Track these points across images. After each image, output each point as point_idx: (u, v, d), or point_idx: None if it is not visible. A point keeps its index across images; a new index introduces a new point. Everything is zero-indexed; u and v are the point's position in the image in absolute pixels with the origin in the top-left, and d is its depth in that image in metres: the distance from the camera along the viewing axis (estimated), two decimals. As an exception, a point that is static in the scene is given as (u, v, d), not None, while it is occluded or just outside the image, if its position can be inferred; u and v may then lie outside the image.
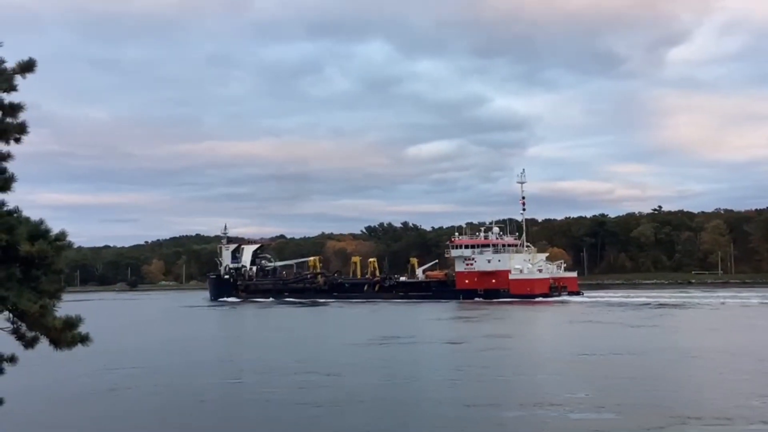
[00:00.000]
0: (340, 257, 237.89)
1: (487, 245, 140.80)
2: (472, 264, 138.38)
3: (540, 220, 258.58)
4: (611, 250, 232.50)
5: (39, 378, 37.23)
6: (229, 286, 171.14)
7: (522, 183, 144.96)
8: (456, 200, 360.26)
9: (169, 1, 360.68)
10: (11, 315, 9.29)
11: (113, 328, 74.84)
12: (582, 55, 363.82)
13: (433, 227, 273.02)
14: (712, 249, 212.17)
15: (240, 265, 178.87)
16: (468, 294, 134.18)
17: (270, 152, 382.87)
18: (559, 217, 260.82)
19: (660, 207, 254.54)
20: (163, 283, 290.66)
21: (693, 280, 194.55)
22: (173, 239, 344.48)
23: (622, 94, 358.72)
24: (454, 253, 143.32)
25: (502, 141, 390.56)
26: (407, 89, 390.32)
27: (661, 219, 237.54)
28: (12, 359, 10.00)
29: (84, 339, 9.42)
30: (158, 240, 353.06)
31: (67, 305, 9.67)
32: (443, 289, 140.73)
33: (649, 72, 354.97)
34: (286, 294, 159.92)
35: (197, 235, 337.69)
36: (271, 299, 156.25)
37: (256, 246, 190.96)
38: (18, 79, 9.76)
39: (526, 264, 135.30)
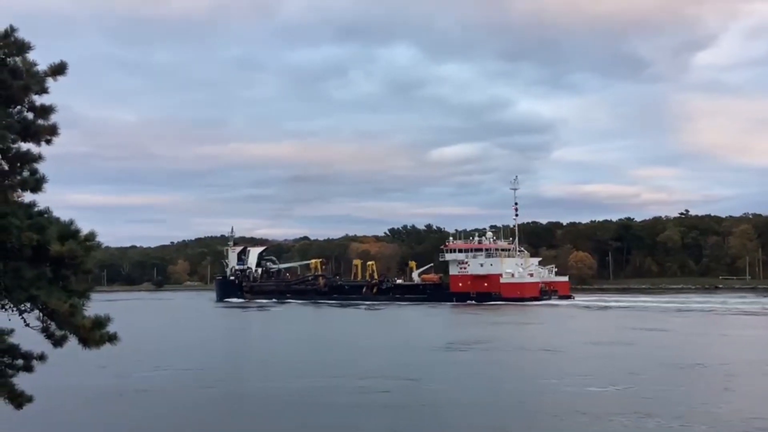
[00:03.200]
0: (363, 259, 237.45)
1: (480, 249, 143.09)
2: (465, 268, 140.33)
3: (565, 224, 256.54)
4: (637, 254, 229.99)
5: (80, 377, 37.82)
6: (234, 288, 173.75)
7: (515, 189, 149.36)
8: (480, 203, 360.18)
9: (197, 4, 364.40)
10: (41, 314, 9.41)
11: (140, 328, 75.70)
12: (607, 59, 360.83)
13: (456, 230, 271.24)
14: (739, 254, 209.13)
15: (245, 266, 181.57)
16: (461, 297, 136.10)
17: (294, 154, 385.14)
18: (585, 220, 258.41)
19: (687, 211, 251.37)
20: (189, 283, 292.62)
21: (720, 285, 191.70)
22: (198, 240, 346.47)
23: (647, 98, 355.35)
24: (449, 257, 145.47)
25: (526, 144, 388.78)
26: (432, 92, 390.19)
27: (687, 223, 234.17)
28: (41, 357, 10.14)
29: (112, 338, 9.50)
30: (184, 241, 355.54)
31: (95, 305, 9.79)
32: (437, 292, 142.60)
33: (675, 76, 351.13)
34: (288, 295, 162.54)
35: (222, 236, 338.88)
36: (273, 300, 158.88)
37: (261, 248, 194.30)
38: (49, 82, 9.90)
39: (518, 268, 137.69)
